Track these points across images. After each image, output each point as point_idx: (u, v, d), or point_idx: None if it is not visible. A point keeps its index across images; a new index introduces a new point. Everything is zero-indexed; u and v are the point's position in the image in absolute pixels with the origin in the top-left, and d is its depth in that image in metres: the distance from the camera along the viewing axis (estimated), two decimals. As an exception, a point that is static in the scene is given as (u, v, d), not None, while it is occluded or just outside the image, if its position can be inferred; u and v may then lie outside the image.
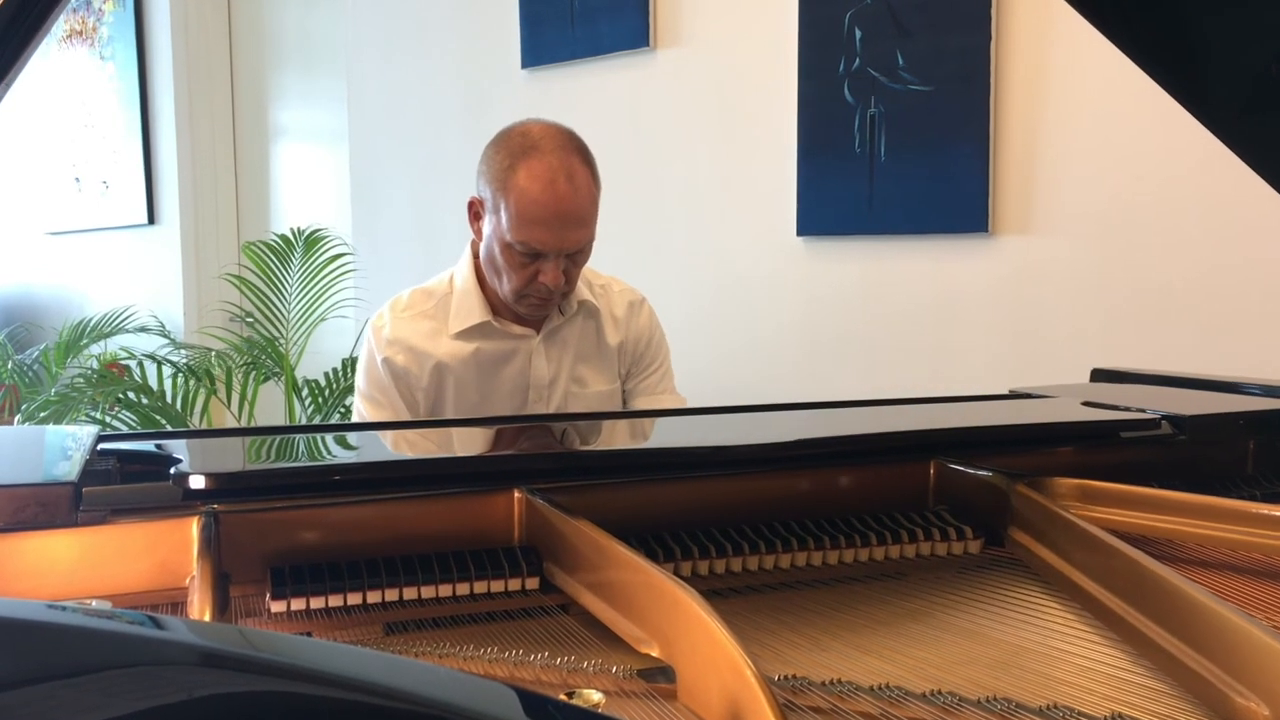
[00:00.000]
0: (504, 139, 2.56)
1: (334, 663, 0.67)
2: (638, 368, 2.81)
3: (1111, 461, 1.69)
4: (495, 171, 2.52)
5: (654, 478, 1.51)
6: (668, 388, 2.86)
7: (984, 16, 3.29)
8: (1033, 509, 1.44)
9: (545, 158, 2.47)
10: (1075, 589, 1.31)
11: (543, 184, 2.45)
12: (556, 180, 2.45)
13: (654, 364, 2.83)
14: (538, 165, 2.46)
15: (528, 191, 2.46)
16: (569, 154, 2.50)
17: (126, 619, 0.72)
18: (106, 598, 1.18)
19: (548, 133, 2.53)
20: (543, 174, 2.46)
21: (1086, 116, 3.19)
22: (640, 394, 2.82)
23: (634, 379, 2.82)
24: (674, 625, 1.07)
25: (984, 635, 1.24)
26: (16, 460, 1.41)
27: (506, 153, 2.51)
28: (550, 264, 2.50)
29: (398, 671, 0.69)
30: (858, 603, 1.34)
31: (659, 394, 2.83)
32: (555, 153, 2.48)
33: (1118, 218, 3.16)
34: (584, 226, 2.51)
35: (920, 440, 1.68)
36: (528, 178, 2.46)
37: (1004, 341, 3.40)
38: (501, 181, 2.49)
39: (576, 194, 2.48)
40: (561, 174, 2.46)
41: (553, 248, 2.48)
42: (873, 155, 3.55)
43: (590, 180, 2.52)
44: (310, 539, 1.32)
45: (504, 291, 2.58)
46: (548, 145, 2.49)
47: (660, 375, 2.84)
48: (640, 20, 4.19)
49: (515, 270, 2.53)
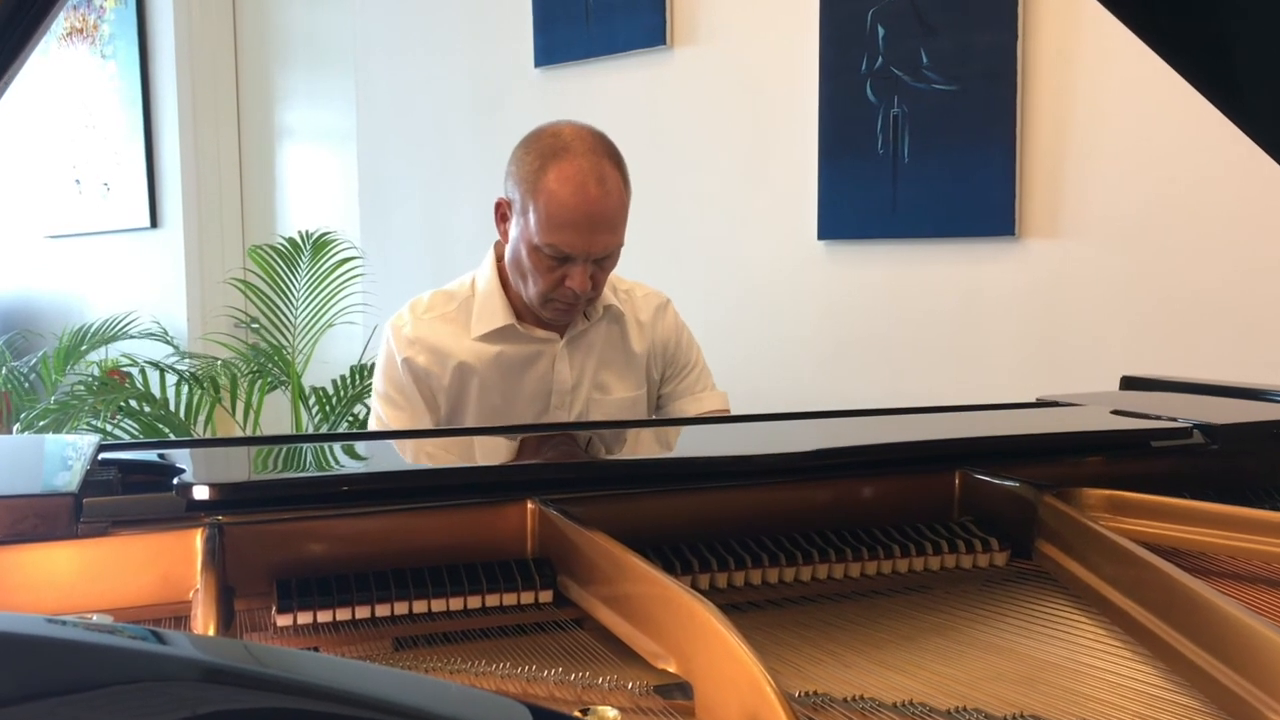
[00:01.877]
0: (534, 140, 2.57)
1: (342, 679, 0.67)
2: (672, 370, 2.82)
3: (1142, 472, 1.69)
4: (524, 173, 2.52)
5: (671, 488, 1.51)
6: (707, 385, 2.86)
7: (1010, 13, 3.29)
8: (1061, 520, 1.44)
9: (576, 160, 2.48)
10: (1104, 603, 1.31)
11: (573, 187, 2.46)
12: (587, 183, 2.46)
13: (688, 364, 2.84)
14: (568, 168, 2.47)
15: (557, 194, 2.46)
16: (600, 157, 2.50)
17: (128, 634, 0.72)
18: (108, 612, 1.18)
19: (579, 135, 2.53)
20: (573, 176, 2.46)
21: (1116, 116, 3.18)
22: (680, 396, 2.82)
23: (670, 382, 2.82)
24: (691, 640, 1.07)
25: (1010, 650, 1.23)
26: (15, 470, 1.41)
27: (536, 154, 2.52)
28: (578, 268, 2.50)
29: (407, 688, 0.69)
30: (881, 617, 1.34)
31: (699, 393, 2.83)
32: (586, 155, 2.49)
33: (1148, 220, 3.15)
34: (613, 231, 2.52)
35: (945, 450, 1.68)
36: (558, 180, 2.47)
37: (1031, 348, 3.40)
38: (531, 183, 2.50)
39: (607, 198, 2.48)
40: (592, 177, 2.47)
41: (581, 252, 2.48)
42: (896, 157, 3.55)
43: (621, 185, 2.53)
44: (317, 551, 1.31)
45: (529, 295, 2.58)
46: (579, 147, 2.50)
47: (697, 374, 2.85)
48: (657, 17, 4.19)
49: (542, 274, 2.53)
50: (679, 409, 2.81)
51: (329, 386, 4.93)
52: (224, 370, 5.07)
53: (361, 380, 4.82)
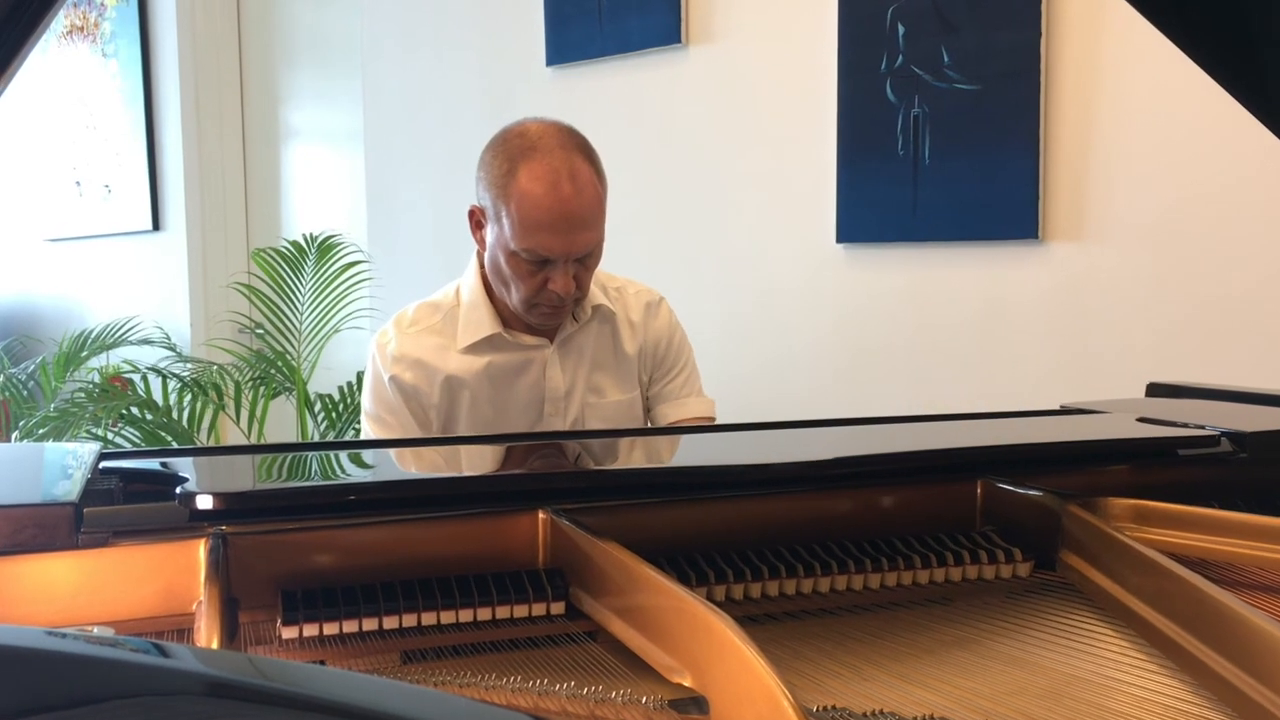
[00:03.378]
0: (501, 141, 2.55)
1: (349, 693, 0.67)
2: (659, 371, 2.80)
3: (1168, 480, 1.68)
4: (494, 176, 2.51)
5: (687, 497, 1.51)
6: (693, 390, 2.84)
7: (1034, 11, 3.28)
8: (1085, 530, 1.44)
9: (545, 158, 2.46)
10: (1130, 615, 1.30)
11: (545, 186, 2.44)
12: (559, 181, 2.45)
13: (676, 366, 2.81)
14: (538, 167, 2.46)
15: (529, 195, 2.45)
16: (570, 152, 2.49)
17: (130, 647, 0.72)
18: (109, 624, 1.18)
19: (546, 131, 2.52)
20: (544, 175, 2.45)
21: (1143, 116, 3.18)
22: (664, 399, 2.80)
23: (656, 384, 2.80)
24: (707, 653, 1.07)
25: (1034, 664, 1.23)
26: (14, 479, 1.41)
27: (505, 156, 2.51)
28: (559, 270, 2.49)
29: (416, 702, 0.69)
30: (901, 629, 1.34)
31: (684, 398, 2.81)
32: (555, 152, 2.47)
33: (1175, 223, 3.14)
34: (591, 228, 2.50)
35: (967, 458, 1.67)
36: (529, 180, 2.45)
37: (1055, 354, 3.39)
38: (501, 187, 2.49)
39: (581, 195, 2.47)
40: (564, 174, 2.45)
41: (560, 253, 2.47)
42: (916, 158, 3.55)
43: (595, 179, 2.51)
44: (324, 562, 1.32)
45: (513, 302, 2.58)
46: (547, 144, 2.48)
47: (685, 379, 2.82)
48: (671, 15, 4.19)
49: (523, 279, 2.52)
50: (661, 414, 2.80)
51: (335, 393, 4.94)
52: (227, 377, 5.08)
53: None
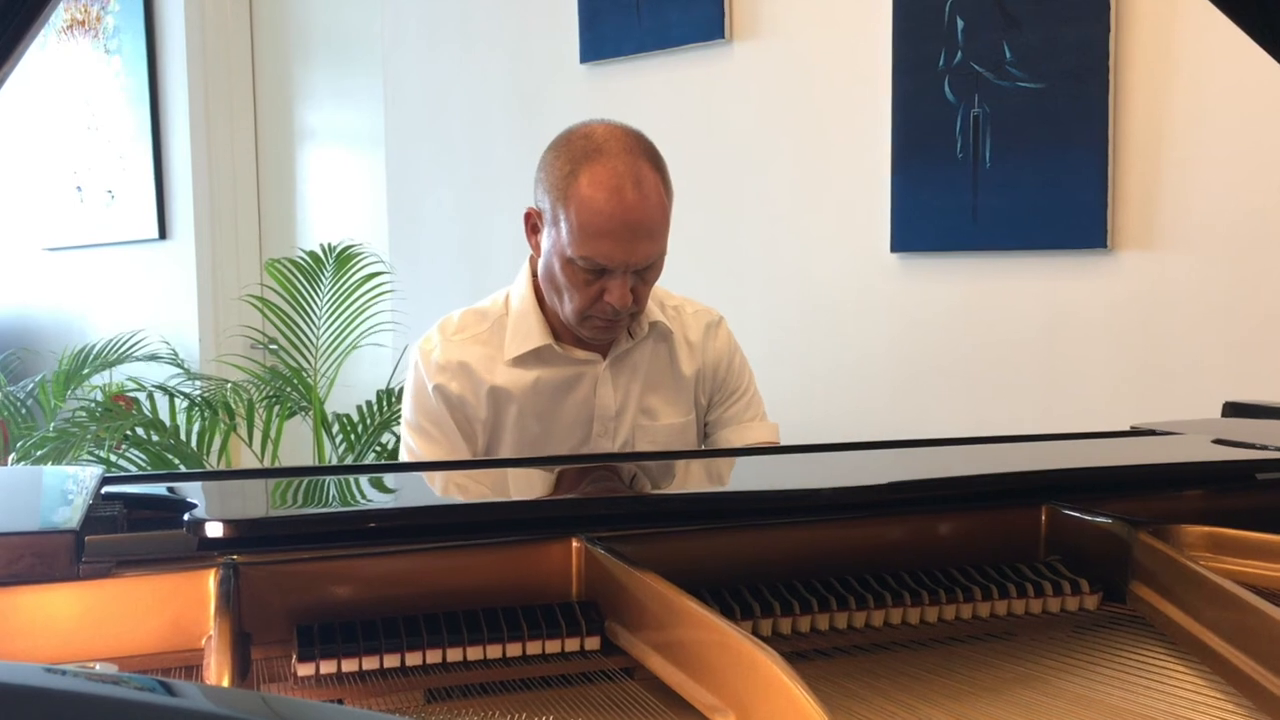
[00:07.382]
0: (564, 142, 2.55)
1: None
2: (720, 395, 2.80)
3: (1246, 506, 1.68)
4: (555, 179, 2.51)
5: (730, 525, 1.51)
6: (756, 414, 2.84)
7: (1102, 5, 3.28)
8: (1157, 560, 1.43)
9: (610, 162, 2.46)
10: (1205, 650, 1.30)
11: (608, 192, 2.43)
12: (623, 187, 2.44)
13: (738, 390, 2.81)
14: (602, 171, 2.45)
15: (591, 201, 2.44)
16: (637, 158, 2.48)
17: (134, 684, 0.73)
18: (112, 660, 1.18)
19: (613, 134, 2.51)
20: (608, 181, 2.44)
21: (1218, 117, 3.17)
22: (726, 424, 2.80)
23: (717, 409, 2.80)
24: (752, 691, 1.07)
25: (1102, 702, 1.23)
26: (11, 505, 1.42)
27: (567, 157, 2.50)
28: (617, 281, 2.48)
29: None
30: (960, 665, 1.34)
31: (747, 422, 2.80)
32: (621, 156, 2.47)
33: (1253, 231, 3.14)
34: (654, 239, 2.50)
35: (1031, 482, 1.67)
36: (591, 185, 2.44)
37: (1125, 371, 3.38)
38: (562, 190, 2.48)
39: (645, 202, 2.46)
40: (629, 180, 2.45)
41: (619, 263, 2.46)
42: (976, 161, 3.55)
43: (661, 188, 2.51)
44: (342, 594, 1.32)
45: (565, 312, 2.57)
46: (613, 148, 2.48)
47: (746, 402, 2.82)
48: (715, 9, 4.19)
49: (578, 288, 2.51)
50: (723, 439, 2.79)
51: (354, 413, 4.94)
52: (239, 395, 5.09)
53: (389, 406, 4.82)
